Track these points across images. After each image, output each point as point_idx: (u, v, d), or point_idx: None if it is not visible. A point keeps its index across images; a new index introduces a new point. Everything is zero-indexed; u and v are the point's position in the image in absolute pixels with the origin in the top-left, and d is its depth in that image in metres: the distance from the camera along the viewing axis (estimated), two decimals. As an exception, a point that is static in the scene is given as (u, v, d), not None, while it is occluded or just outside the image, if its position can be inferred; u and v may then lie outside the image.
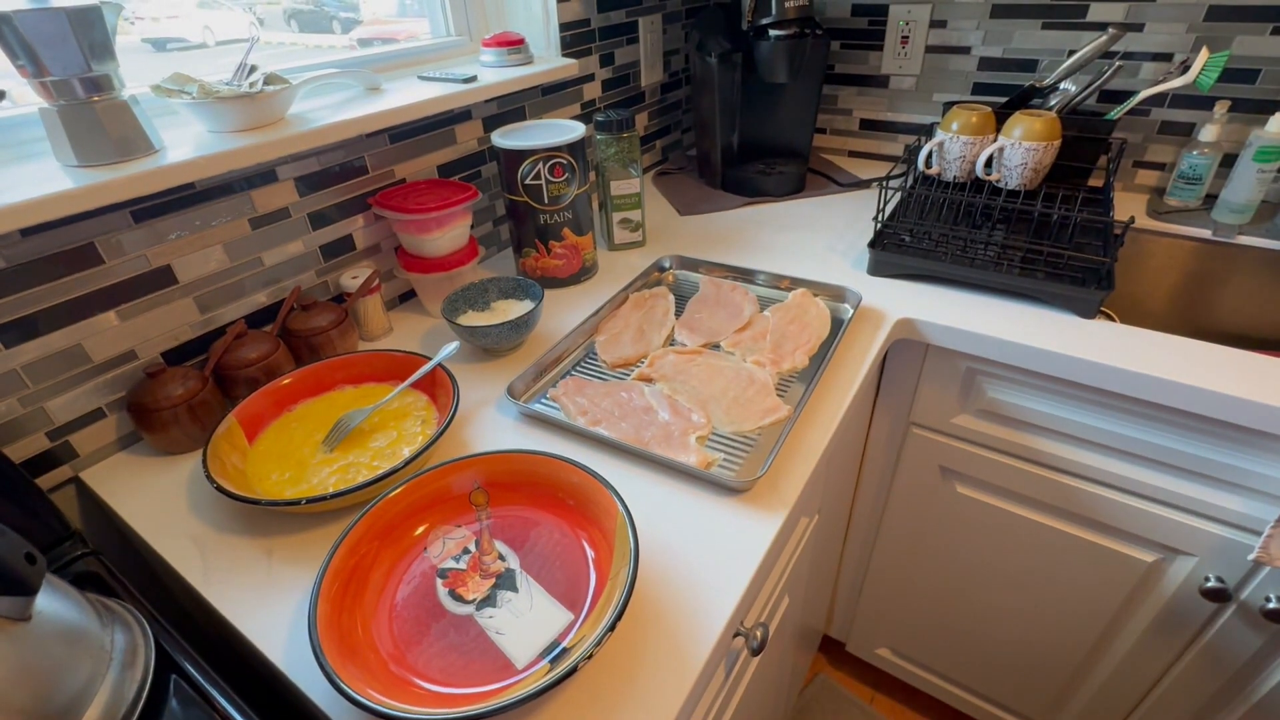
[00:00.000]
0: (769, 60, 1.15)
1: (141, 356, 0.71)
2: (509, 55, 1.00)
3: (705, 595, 0.54)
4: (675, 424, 0.70)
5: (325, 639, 0.47)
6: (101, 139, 0.62)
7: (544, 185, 0.91)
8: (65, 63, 0.59)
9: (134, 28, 0.87)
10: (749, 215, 1.22)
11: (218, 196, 0.74)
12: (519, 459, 0.60)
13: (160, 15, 0.89)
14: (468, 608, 0.52)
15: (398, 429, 0.70)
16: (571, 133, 0.91)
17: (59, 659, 0.43)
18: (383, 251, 0.94)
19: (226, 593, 0.56)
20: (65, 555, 0.58)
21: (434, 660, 0.49)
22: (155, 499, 0.66)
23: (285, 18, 1.07)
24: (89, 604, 0.48)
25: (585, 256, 1.00)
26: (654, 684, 0.48)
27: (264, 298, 0.81)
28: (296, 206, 0.81)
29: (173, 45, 0.88)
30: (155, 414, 0.67)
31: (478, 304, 0.87)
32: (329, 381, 0.76)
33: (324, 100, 0.84)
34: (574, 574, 0.55)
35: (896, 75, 1.34)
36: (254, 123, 0.72)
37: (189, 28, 0.93)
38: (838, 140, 1.47)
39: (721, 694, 0.66)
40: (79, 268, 0.65)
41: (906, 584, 1.18)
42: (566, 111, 1.18)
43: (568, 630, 0.50)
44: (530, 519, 0.60)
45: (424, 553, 0.57)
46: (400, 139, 0.91)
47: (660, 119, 1.43)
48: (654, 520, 0.60)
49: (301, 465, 0.66)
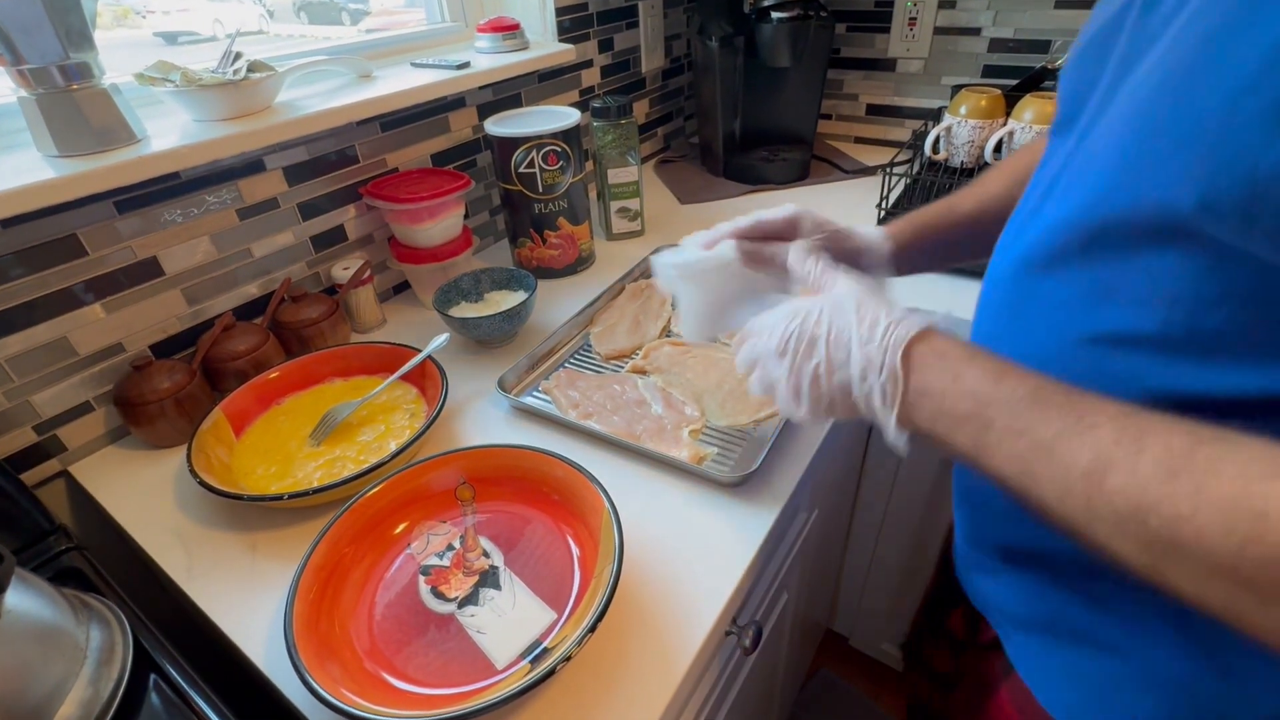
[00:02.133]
0: (771, 43, 1.12)
1: (129, 349, 0.71)
2: (504, 41, 0.98)
3: (695, 594, 0.52)
4: (668, 417, 0.68)
5: (302, 638, 0.46)
6: (82, 128, 0.61)
7: (538, 173, 0.89)
8: (42, 50, 0.58)
9: (145, 21, 0.86)
10: (751, 203, 1.19)
11: (204, 186, 0.73)
12: (503, 453, 0.59)
13: (171, 9, 0.89)
14: (449, 606, 0.51)
15: (386, 423, 0.69)
16: (566, 120, 0.89)
17: (30, 657, 0.42)
18: (375, 242, 0.93)
19: (208, 589, 0.55)
20: (49, 550, 0.58)
21: (413, 660, 0.48)
22: (141, 493, 0.65)
23: (295, 9, 1.06)
24: (65, 601, 0.47)
25: (581, 246, 0.98)
26: (638, 685, 0.47)
27: (254, 289, 0.80)
28: (285, 196, 0.80)
29: (184, 38, 0.88)
30: (142, 408, 0.67)
31: (470, 295, 0.86)
32: (318, 374, 0.75)
33: (314, 88, 0.83)
34: (559, 572, 0.53)
35: (904, 58, 1.30)
36: (239, 111, 0.71)
37: (200, 21, 0.92)
38: (843, 126, 1.44)
39: (716, 690, 0.65)
40: (62, 259, 0.64)
41: (912, 578, 1.16)
42: (565, 98, 1.16)
43: (550, 630, 0.49)
44: (516, 515, 0.58)
45: (407, 549, 0.56)
46: (392, 127, 0.89)
47: (662, 105, 1.41)
48: (644, 516, 0.59)
49: (288, 459, 0.65)
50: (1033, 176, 0.47)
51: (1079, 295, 0.38)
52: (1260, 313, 0.31)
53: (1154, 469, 0.29)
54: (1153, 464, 0.29)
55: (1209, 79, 0.29)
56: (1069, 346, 0.39)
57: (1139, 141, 0.33)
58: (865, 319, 0.41)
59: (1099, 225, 0.36)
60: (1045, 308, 0.40)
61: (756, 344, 0.47)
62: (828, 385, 0.42)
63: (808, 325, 0.43)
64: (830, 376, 0.42)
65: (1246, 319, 0.32)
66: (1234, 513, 0.26)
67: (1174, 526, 0.28)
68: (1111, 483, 0.30)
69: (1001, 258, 0.46)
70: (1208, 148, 0.29)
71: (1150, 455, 0.29)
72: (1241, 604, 0.27)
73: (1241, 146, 0.28)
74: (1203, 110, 0.30)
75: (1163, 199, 0.32)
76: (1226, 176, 0.29)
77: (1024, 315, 0.42)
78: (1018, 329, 0.43)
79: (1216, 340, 0.33)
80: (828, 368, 0.42)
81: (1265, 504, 0.26)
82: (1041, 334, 0.41)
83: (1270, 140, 0.27)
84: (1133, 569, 0.29)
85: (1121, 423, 0.31)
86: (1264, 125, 0.27)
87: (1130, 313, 0.36)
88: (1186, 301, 0.33)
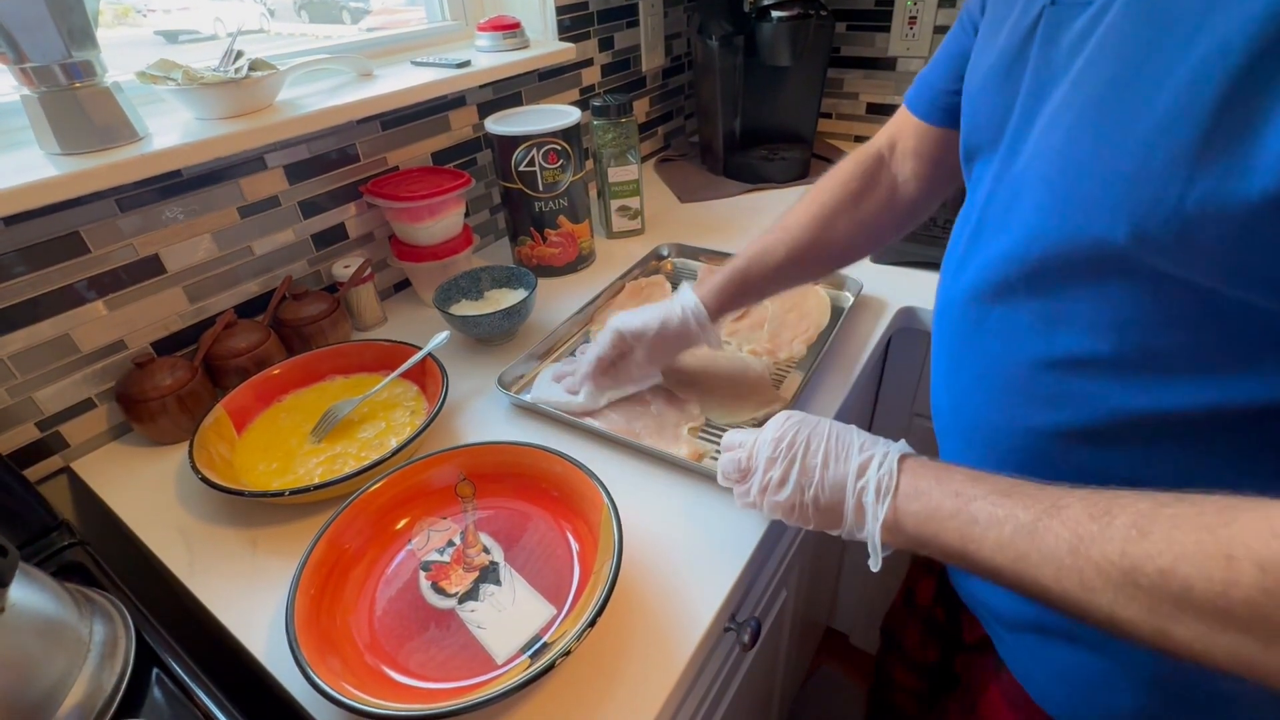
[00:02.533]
0: (771, 42, 1.12)
1: (131, 346, 0.71)
2: (504, 39, 0.98)
3: (694, 590, 0.53)
4: (668, 415, 0.68)
5: (303, 633, 0.46)
6: (84, 126, 0.61)
7: (538, 172, 0.90)
8: (45, 49, 0.58)
9: (146, 20, 0.87)
10: (751, 202, 1.19)
11: (205, 185, 0.73)
12: (503, 450, 0.59)
13: (172, 7, 0.89)
14: (450, 601, 0.52)
15: (386, 420, 0.69)
16: (566, 118, 0.90)
17: (33, 651, 0.42)
18: (376, 240, 0.93)
19: (210, 584, 0.56)
20: (52, 545, 0.58)
21: (414, 654, 0.48)
22: (144, 489, 0.65)
23: (295, 8, 1.07)
24: (68, 595, 0.48)
25: (582, 244, 0.98)
26: (638, 680, 0.47)
27: (255, 287, 0.81)
28: (286, 195, 0.80)
29: (185, 37, 0.88)
30: (144, 404, 0.67)
31: (471, 293, 0.86)
32: (319, 372, 0.75)
33: (315, 87, 0.83)
34: (558, 567, 0.54)
35: (904, 57, 1.31)
36: (241, 109, 0.71)
37: (200, 19, 0.92)
38: (843, 125, 1.44)
39: (716, 685, 0.65)
40: (65, 257, 0.64)
41: (910, 577, 1.16)
42: (565, 97, 1.16)
43: (550, 625, 0.49)
44: (516, 511, 0.59)
45: (408, 545, 0.56)
46: (393, 126, 0.90)
47: (662, 104, 1.41)
48: (644, 513, 0.59)
49: (289, 456, 0.65)
50: (961, 209, 0.49)
51: (1031, 323, 0.40)
52: (1206, 333, 0.33)
53: (1127, 532, 0.30)
54: (1124, 529, 0.30)
55: (1123, 120, 0.31)
56: (1027, 369, 0.40)
57: (1066, 180, 0.35)
58: (862, 436, 0.45)
59: (1038, 260, 0.37)
60: (1001, 333, 0.42)
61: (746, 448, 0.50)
62: (819, 477, 0.44)
63: (805, 428, 0.46)
64: (826, 470, 0.44)
65: (1194, 339, 0.33)
66: (1207, 560, 0.27)
67: (1162, 582, 0.29)
68: (1095, 553, 0.31)
69: (950, 285, 0.47)
70: (1132, 186, 0.30)
71: (1121, 521, 0.30)
72: (1247, 651, 0.27)
73: (1165, 183, 0.29)
74: (1120, 150, 0.31)
75: (1097, 234, 0.33)
76: (1155, 213, 0.30)
77: (980, 341, 0.44)
78: (976, 353, 0.45)
79: (1169, 360, 0.34)
80: (823, 459, 0.44)
81: (1230, 548, 0.27)
82: (1000, 358, 0.42)
83: (1192, 177, 0.28)
84: (1147, 639, 0.30)
85: (1090, 499, 0.32)
86: (1185, 163, 0.28)
87: (1084, 338, 0.37)
88: (1135, 326, 0.35)
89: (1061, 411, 0.39)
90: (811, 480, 0.44)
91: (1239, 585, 0.26)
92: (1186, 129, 0.28)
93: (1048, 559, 0.32)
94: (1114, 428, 0.38)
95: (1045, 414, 0.40)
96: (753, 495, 0.48)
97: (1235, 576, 0.27)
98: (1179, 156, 0.28)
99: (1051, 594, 0.33)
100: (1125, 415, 0.37)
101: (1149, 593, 0.29)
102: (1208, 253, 0.29)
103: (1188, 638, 0.28)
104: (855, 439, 0.45)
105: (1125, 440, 0.38)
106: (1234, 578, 0.27)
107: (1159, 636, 0.29)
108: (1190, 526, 0.28)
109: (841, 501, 0.43)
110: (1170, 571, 0.28)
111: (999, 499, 0.35)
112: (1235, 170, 0.27)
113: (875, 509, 0.41)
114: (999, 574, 0.35)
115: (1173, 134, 0.29)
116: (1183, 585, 0.28)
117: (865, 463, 0.43)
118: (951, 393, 0.50)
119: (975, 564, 0.36)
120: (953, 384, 0.49)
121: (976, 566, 0.36)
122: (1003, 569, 0.35)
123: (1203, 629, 0.28)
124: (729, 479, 0.51)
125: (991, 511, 0.35)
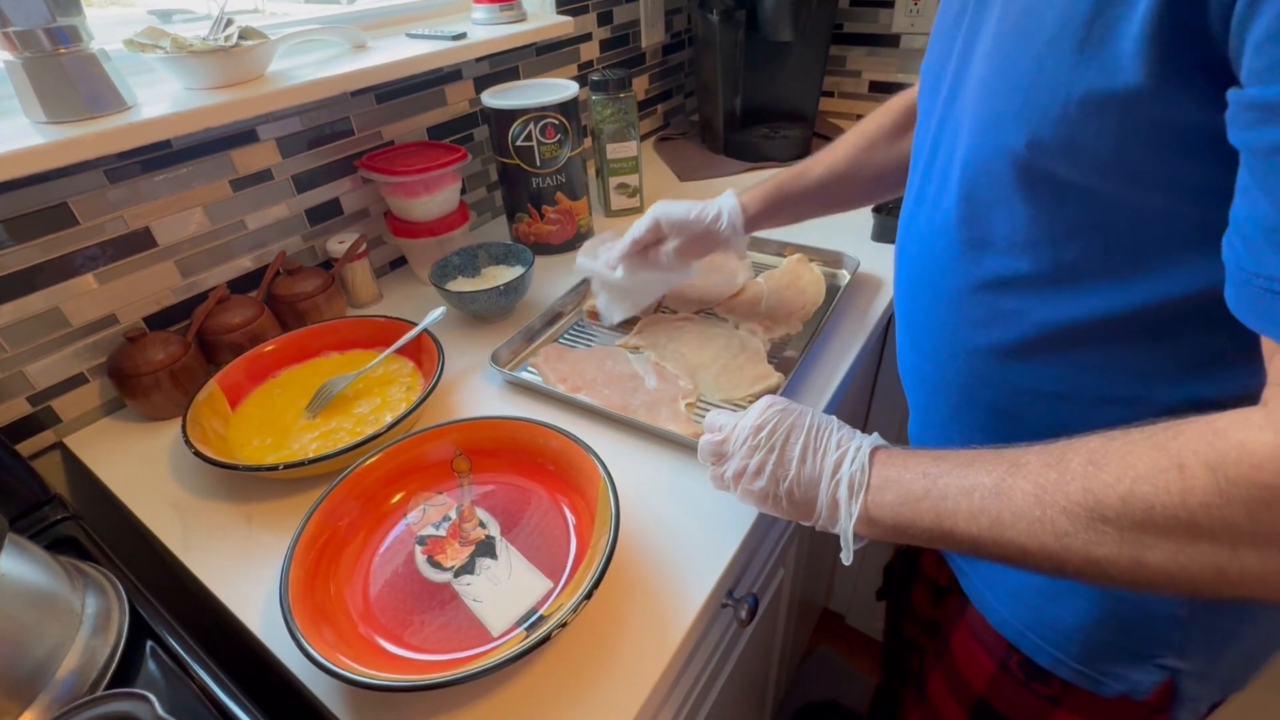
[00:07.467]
0: (773, 17, 1.10)
1: (122, 321, 0.70)
2: (501, 12, 0.96)
3: (691, 565, 0.52)
4: (662, 391, 0.68)
5: (298, 606, 0.46)
6: (70, 93, 0.60)
7: (535, 147, 0.88)
8: (28, 12, 0.57)
9: (138, 0, 0.85)
10: (751, 181, 1.17)
11: (196, 156, 0.72)
12: (498, 425, 0.59)
13: None
14: (445, 575, 0.51)
15: (382, 395, 0.68)
16: (564, 92, 0.88)
17: (24, 621, 0.42)
18: (371, 216, 0.92)
19: (204, 558, 0.55)
20: (45, 519, 0.58)
21: (410, 627, 0.48)
22: (137, 464, 0.65)
23: (291, -11, 1.04)
24: (60, 567, 0.47)
25: (580, 222, 0.97)
26: (635, 653, 0.47)
27: (248, 262, 0.79)
28: (279, 168, 0.79)
29: (179, 17, 0.86)
30: (136, 379, 0.66)
31: (467, 270, 0.85)
32: (314, 348, 0.75)
33: (308, 58, 0.82)
34: (555, 541, 0.53)
35: (908, 34, 1.29)
36: (231, 79, 0.70)
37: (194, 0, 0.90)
38: (846, 104, 1.42)
39: (713, 660, 0.65)
40: (53, 229, 0.63)
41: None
42: (563, 72, 1.14)
43: (546, 598, 0.49)
44: (512, 486, 0.58)
45: (404, 520, 0.56)
46: (387, 99, 0.88)
47: (662, 82, 1.39)
48: (640, 489, 0.58)
49: (284, 431, 0.65)
50: (910, 145, 0.53)
51: (964, 250, 0.43)
52: (1109, 240, 0.36)
53: (1085, 469, 0.32)
54: (1081, 466, 0.32)
55: (1025, 41, 0.35)
56: (967, 293, 0.44)
57: (985, 104, 0.39)
58: (841, 429, 0.45)
59: (969, 184, 0.41)
60: (944, 262, 0.46)
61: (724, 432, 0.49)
62: (796, 471, 0.44)
63: (787, 419, 0.46)
64: (803, 465, 0.44)
65: (1099, 248, 0.37)
66: (1161, 474, 0.29)
67: (1125, 509, 0.30)
68: (1059, 498, 0.32)
69: (911, 218, 0.51)
70: (1029, 96, 0.35)
71: (1076, 461, 0.32)
72: (1219, 561, 0.28)
73: (1052, 90, 0.33)
74: (1021, 67, 0.35)
75: (1004, 145, 0.37)
76: (1046, 117, 0.34)
77: (931, 269, 0.48)
78: (929, 279, 0.48)
79: (1079, 271, 0.38)
80: (801, 454, 0.44)
81: (1180, 457, 0.29)
82: (945, 284, 0.46)
83: (1072, 82, 0.32)
84: (1126, 575, 0.31)
85: (1045, 451, 0.34)
86: (1066, 70, 0.33)
87: (1006, 258, 0.41)
88: (1045, 242, 0.38)
89: (993, 331, 0.43)
90: (788, 474, 0.44)
91: (1194, 491, 0.28)
92: (1068, 39, 0.32)
93: (1019, 516, 0.33)
94: (1040, 341, 0.41)
95: (981, 334, 0.44)
96: (727, 480, 0.48)
97: (1189, 483, 0.28)
98: (1062, 64, 0.33)
99: (1030, 553, 0.34)
100: (1049, 328, 0.40)
101: (1116, 524, 0.30)
102: (1092, 152, 0.33)
103: (1161, 560, 0.29)
104: (834, 433, 0.45)
105: (1052, 352, 0.41)
106: (1188, 484, 0.28)
107: (1135, 568, 0.30)
108: (1143, 448, 0.30)
109: (815, 497, 0.43)
110: (1130, 495, 0.29)
111: (963, 471, 0.37)
112: (1104, 71, 0.31)
113: (849, 506, 0.42)
114: (979, 545, 0.36)
115: (1057, 45, 0.33)
116: (1145, 506, 0.29)
117: (840, 459, 0.43)
118: (910, 328, 0.52)
119: (955, 540, 0.37)
120: (910, 321, 0.52)
121: (958, 543, 0.37)
122: (980, 538, 0.35)
123: (1172, 547, 0.29)
124: (706, 460, 0.50)
125: (958, 484, 0.37)
